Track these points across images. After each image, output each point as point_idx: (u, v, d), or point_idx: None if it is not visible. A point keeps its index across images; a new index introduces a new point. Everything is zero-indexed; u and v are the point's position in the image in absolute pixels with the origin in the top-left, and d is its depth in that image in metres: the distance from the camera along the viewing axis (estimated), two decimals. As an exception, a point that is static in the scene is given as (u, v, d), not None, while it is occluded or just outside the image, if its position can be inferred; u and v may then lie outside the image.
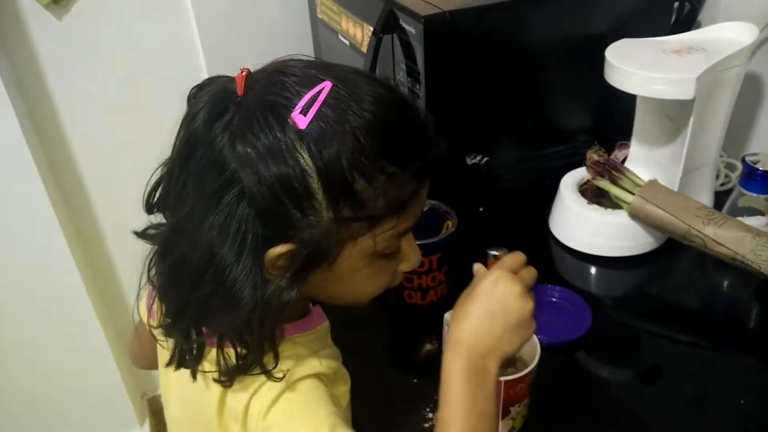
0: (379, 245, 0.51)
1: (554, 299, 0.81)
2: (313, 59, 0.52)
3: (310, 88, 0.47)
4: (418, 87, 0.88)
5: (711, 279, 0.88)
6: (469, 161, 0.93)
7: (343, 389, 0.58)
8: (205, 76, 1.24)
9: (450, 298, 0.75)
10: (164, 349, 0.58)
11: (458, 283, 0.81)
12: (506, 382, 0.60)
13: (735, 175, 1.00)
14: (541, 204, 0.98)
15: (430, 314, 0.76)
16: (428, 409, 0.69)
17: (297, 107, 0.46)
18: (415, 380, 0.73)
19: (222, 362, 0.52)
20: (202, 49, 1.24)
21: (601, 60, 0.86)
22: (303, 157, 0.45)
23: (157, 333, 0.56)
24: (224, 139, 0.47)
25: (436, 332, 0.77)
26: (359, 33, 1.02)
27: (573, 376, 0.73)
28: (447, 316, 0.72)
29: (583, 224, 0.90)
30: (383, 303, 0.86)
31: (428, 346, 0.77)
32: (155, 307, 0.57)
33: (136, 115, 1.27)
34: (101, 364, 1.46)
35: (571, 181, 0.95)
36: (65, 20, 1.16)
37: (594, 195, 0.93)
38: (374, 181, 0.47)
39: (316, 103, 0.46)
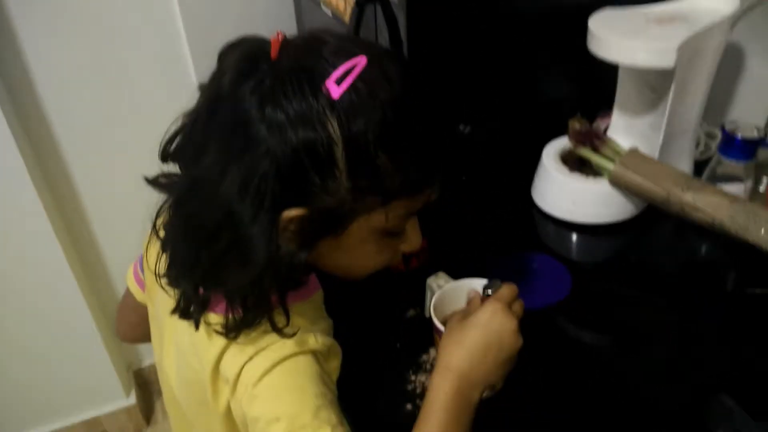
0: (389, 222, 0.52)
1: (535, 265, 0.82)
2: (344, 34, 0.52)
3: (347, 59, 0.48)
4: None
5: (689, 245, 0.89)
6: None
7: (335, 363, 0.60)
8: (186, 46, 1.24)
9: (432, 266, 0.76)
10: (170, 298, 0.58)
11: (440, 250, 0.82)
12: (487, 344, 0.61)
13: (715, 144, 1.01)
14: (523, 173, 0.98)
15: (413, 280, 0.77)
16: (411, 372, 0.70)
17: (332, 76, 0.47)
18: (398, 345, 0.74)
19: (230, 317, 0.52)
20: (181, 17, 1.22)
21: (584, 29, 0.86)
22: (332, 126, 0.46)
23: (163, 282, 0.57)
24: (253, 99, 0.47)
25: (418, 298, 0.78)
26: (341, 3, 1.01)
27: (553, 340, 0.74)
28: (429, 281, 0.73)
29: (564, 192, 0.91)
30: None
31: (411, 312, 0.78)
32: (151, 256, 0.58)
33: (114, 88, 1.26)
34: (85, 338, 1.45)
35: (553, 149, 0.96)
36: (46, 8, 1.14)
37: (576, 163, 0.94)
38: (396, 158, 0.48)
39: (351, 75, 0.47)
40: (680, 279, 0.84)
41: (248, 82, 0.48)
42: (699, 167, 0.96)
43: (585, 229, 0.91)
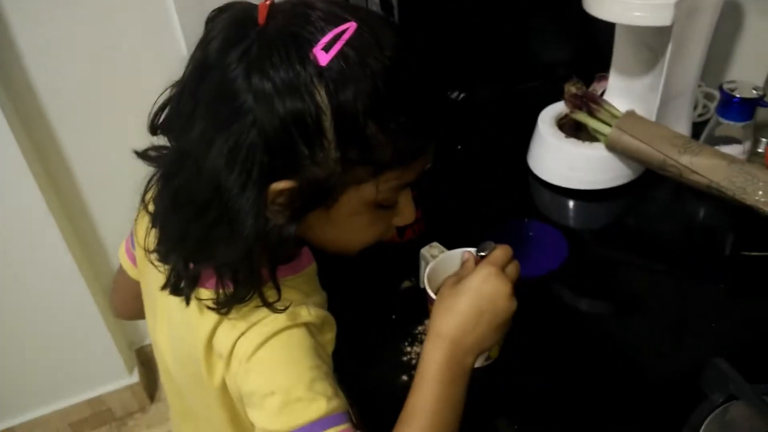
0: (380, 194, 0.51)
1: (531, 233, 0.81)
2: (357, 6, 0.51)
3: (336, 25, 0.46)
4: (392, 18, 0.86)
5: (687, 209, 0.88)
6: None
7: (330, 336, 0.59)
8: (175, 17, 1.21)
9: (427, 236, 0.75)
10: (161, 273, 0.57)
11: (435, 220, 0.81)
12: (482, 312, 0.61)
13: (713, 106, 0.99)
14: (519, 139, 0.97)
15: (408, 251, 0.76)
16: (406, 343, 0.70)
17: (320, 43, 0.45)
18: (393, 316, 0.74)
19: (220, 292, 0.52)
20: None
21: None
22: (320, 94, 0.45)
23: (153, 258, 0.56)
24: (240, 67, 0.46)
25: (413, 269, 0.77)
26: (330, -33, 0.99)
27: (550, 307, 0.73)
28: (423, 251, 0.72)
29: (560, 158, 0.90)
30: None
31: (405, 283, 0.77)
32: (140, 231, 0.57)
33: (106, 62, 1.23)
34: (86, 318, 1.46)
35: (549, 115, 0.94)
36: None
37: (572, 129, 0.93)
38: (386, 128, 0.47)
39: (339, 42, 0.45)
40: (678, 244, 0.83)
41: (235, 49, 0.46)
42: (697, 129, 0.94)
43: (582, 195, 0.89)
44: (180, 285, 0.55)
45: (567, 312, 0.73)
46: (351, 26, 0.46)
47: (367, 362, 0.69)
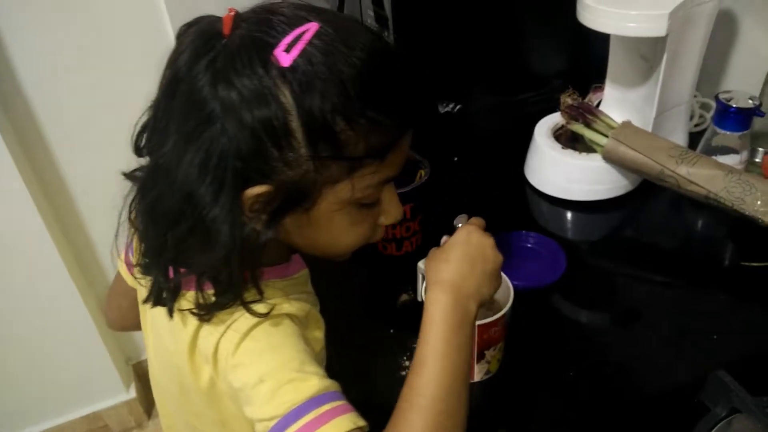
0: (357, 192, 0.50)
1: (529, 245, 0.81)
2: (304, 2, 0.50)
3: (297, 27, 0.46)
4: (386, 33, 0.86)
5: (685, 219, 0.88)
6: (442, 109, 0.92)
7: (317, 334, 0.58)
8: (169, 25, 1.21)
9: (424, 249, 0.74)
10: (143, 288, 0.57)
11: (433, 233, 0.81)
12: (480, 325, 0.60)
13: (709, 116, 1.00)
14: (515, 151, 0.97)
15: (405, 265, 0.76)
16: (405, 357, 0.69)
17: (281, 45, 0.46)
18: (391, 330, 0.73)
19: (201, 299, 0.51)
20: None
21: (573, 1, 0.83)
22: (284, 96, 0.45)
23: (136, 271, 0.56)
24: (206, 78, 0.46)
25: (411, 282, 0.76)
26: (325, -20, 0.99)
27: (548, 319, 0.73)
28: (420, 264, 0.71)
29: (557, 169, 0.89)
30: (359, 255, 0.86)
31: (404, 297, 0.77)
32: (135, 245, 0.57)
33: (97, 67, 1.23)
34: (82, 333, 1.45)
35: (545, 126, 0.94)
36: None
37: (569, 140, 0.92)
38: (355, 124, 0.47)
39: (300, 42, 0.46)
40: (677, 254, 0.83)
41: (202, 61, 0.47)
42: (694, 139, 0.94)
43: (579, 206, 0.89)
44: (161, 297, 0.55)
45: (566, 324, 0.73)
46: (312, 26, 0.47)
47: (364, 376, 0.68)
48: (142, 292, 0.57)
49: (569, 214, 0.90)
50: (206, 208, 0.47)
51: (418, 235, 0.81)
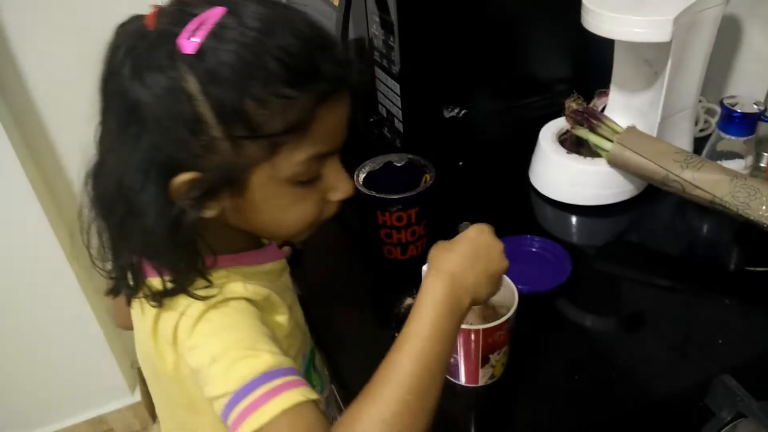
0: (287, 170, 0.51)
1: (534, 249, 0.81)
2: None
3: (201, 13, 0.48)
4: (392, 39, 0.86)
5: (690, 224, 0.88)
6: (447, 114, 0.92)
7: (279, 319, 0.59)
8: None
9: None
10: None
11: (438, 237, 0.81)
12: (485, 330, 0.60)
13: (714, 121, 1.00)
14: (520, 155, 0.97)
15: (411, 269, 0.76)
16: (409, 361, 0.69)
17: (184, 32, 0.47)
18: (396, 334, 0.73)
19: (159, 286, 0.53)
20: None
21: (577, 5, 0.84)
22: (190, 83, 0.46)
23: (95, 262, 0.58)
24: (128, 76, 0.48)
25: (416, 287, 0.77)
26: (331, -15, 0.99)
27: (553, 324, 0.73)
28: (425, 268, 0.72)
29: (562, 174, 0.90)
30: (364, 259, 0.86)
31: (408, 301, 0.77)
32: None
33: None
34: (88, 337, 1.45)
35: (550, 131, 0.94)
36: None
37: (573, 144, 0.93)
38: (267, 104, 0.47)
39: (203, 28, 0.47)
40: (682, 259, 0.83)
41: (126, 59, 0.48)
42: (699, 144, 0.94)
43: (584, 211, 0.89)
44: (120, 286, 0.57)
45: (571, 328, 0.73)
46: (217, 11, 0.47)
47: (369, 378, 0.68)
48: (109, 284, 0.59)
49: (574, 219, 0.90)
50: (135, 197, 0.49)
51: (423, 239, 0.81)
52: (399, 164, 0.85)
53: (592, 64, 0.98)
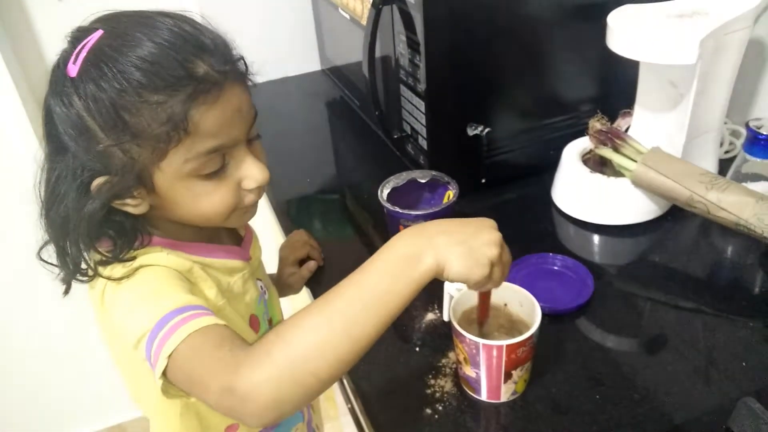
0: (185, 167, 0.55)
1: (556, 267, 0.81)
2: (124, 11, 0.56)
3: (86, 38, 0.53)
4: (418, 58, 0.88)
5: (715, 245, 0.87)
6: (471, 132, 0.93)
7: (208, 292, 0.61)
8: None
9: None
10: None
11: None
12: (508, 345, 0.61)
13: (740, 142, 0.99)
14: (543, 174, 0.97)
15: (432, 284, 0.77)
16: (430, 375, 0.69)
17: (71, 58, 0.53)
18: (417, 348, 0.74)
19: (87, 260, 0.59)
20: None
21: (602, 27, 0.85)
22: (76, 102, 0.52)
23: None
24: (48, 96, 0.55)
25: (437, 302, 0.77)
26: (358, 6, 1.01)
27: (576, 342, 0.73)
28: (447, 283, 0.72)
29: (585, 193, 0.90)
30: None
31: (429, 316, 0.77)
32: None
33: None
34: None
35: (573, 150, 0.94)
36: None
37: (597, 164, 0.93)
38: (140, 111, 0.52)
39: (83, 51, 0.52)
40: (706, 281, 0.83)
41: (49, 82, 0.56)
42: (723, 166, 0.94)
43: (607, 230, 0.89)
44: (66, 278, 0.62)
45: (593, 348, 0.72)
46: (96, 34, 0.53)
47: (391, 394, 0.69)
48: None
49: (597, 238, 0.90)
50: (66, 200, 0.56)
51: (446, 255, 0.82)
52: (423, 181, 0.86)
53: (616, 85, 0.98)
